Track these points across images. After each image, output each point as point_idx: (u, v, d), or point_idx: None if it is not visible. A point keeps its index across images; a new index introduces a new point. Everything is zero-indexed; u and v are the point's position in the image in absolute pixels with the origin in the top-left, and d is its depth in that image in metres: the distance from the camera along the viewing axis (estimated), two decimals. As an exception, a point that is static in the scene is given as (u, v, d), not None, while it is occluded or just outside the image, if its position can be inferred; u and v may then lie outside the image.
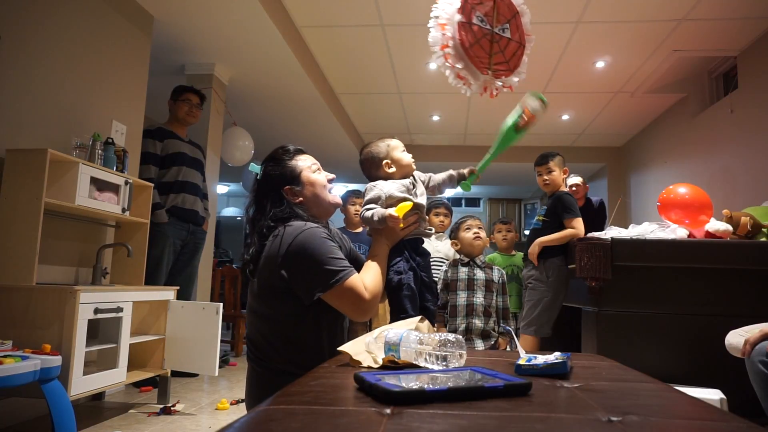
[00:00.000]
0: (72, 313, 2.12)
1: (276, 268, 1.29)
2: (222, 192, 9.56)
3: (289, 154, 1.48)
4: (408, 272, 1.48)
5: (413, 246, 1.56)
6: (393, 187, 1.54)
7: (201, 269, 3.75)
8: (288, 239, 1.30)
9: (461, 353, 0.91)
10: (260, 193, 1.46)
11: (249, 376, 1.41)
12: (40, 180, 2.20)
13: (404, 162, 1.61)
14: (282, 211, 1.39)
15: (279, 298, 1.32)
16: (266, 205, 1.42)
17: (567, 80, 4.88)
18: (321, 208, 1.48)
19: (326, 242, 1.31)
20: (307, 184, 1.46)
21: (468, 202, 10.19)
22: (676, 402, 0.77)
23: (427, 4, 2.07)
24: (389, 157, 1.59)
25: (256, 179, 1.48)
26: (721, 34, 3.93)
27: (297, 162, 1.47)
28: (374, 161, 1.60)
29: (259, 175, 1.48)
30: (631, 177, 6.63)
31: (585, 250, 2.18)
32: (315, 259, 1.28)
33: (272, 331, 1.34)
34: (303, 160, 1.48)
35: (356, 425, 0.58)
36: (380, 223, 1.46)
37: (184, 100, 3.44)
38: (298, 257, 1.28)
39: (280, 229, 1.34)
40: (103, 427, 2.39)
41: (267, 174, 1.46)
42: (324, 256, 1.28)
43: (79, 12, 2.77)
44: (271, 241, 1.33)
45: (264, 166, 1.49)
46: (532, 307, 2.63)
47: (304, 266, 1.28)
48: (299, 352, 1.32)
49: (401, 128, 6.48)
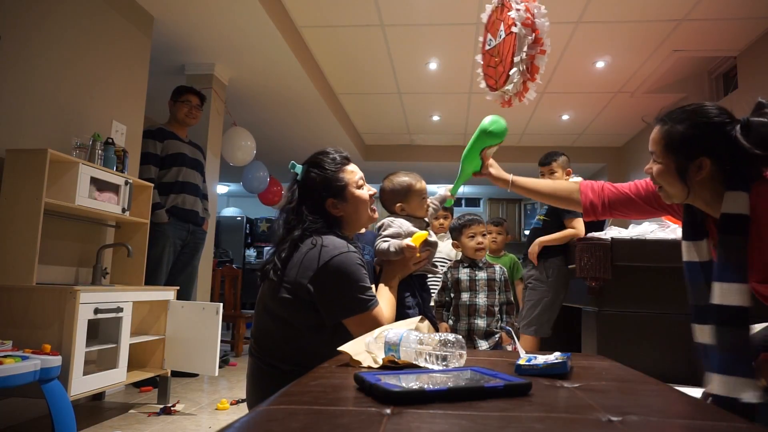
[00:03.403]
0: (72, 313, 2.12)
1: (305, 280, 1.29)
2: (222, 192, 9.56)
3: (335, 164, 1.44)
4: (414, 308, 1.55)
5: (420, 282, 1.63)
6: (411, 227, 1.61)
7: (201, 269, 3.75)
8: (325, 257, 1.29)
9: (461, 353, 0.91)
10: (299, 196, 1.43)
11: (252, 373, 1.40)
12: (40, 180, 2.20)
13: (419, 210, 1.69)
14: (317, 222, 1.39)
15: (299, 308, 1.31)
16: (303, 211, 1.40)
17: (567, 80, 4.88)
18: (358, 224, 1.49)
19: (360, 270, 1.32)
20: (351, 200, 1.44)
21: (468, 202, 10.18)
22: (676, 402, 0.77)
23: (427, 4, 2.08)
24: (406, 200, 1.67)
25: (296, 180, 1.46)
26: (721, 34, 3.93)
27: (344, 174, 1.44)
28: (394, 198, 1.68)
29: (300, 176, 1.45)
30: (631, 177, 6.63)
31: (585, 250, 2.18)
32: (348, 285, 1.29)
33: (285, 336, 1.33)
34: (350, 172, 1.46)
35: (356, 425, 0.58)
36: (396, 255, 1.51)
37: (184, 101, 3.44)
38: (332, 279, 1.28)
39: (317, 240, 1.32)
40: (103, 427, 2.39)
41: (311, 179, 1.43)
42: (357, 284, 1.30)
43: (79, 12, 2.77)
44: (305, 252, 1.31)
45: (307, 169, 1.45)
46: (532, 307, 2.63)
47: (336, 289, 1.29)
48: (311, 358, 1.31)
49: (401, 128, 6.48)
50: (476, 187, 9.21)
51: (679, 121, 1.25)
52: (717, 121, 1.22)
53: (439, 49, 4.33)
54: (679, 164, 1.25)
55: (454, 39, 4.07)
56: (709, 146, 1.22)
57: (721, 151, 1.21)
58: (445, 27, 3.90)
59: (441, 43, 4.20)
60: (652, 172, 1.32)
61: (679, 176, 1.25)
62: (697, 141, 1.23)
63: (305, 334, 1.32)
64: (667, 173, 1.27)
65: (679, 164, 1.25)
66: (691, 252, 1.31)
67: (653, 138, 1.30)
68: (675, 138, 1.25)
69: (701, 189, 1.25)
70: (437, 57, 4.47)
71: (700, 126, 1.23)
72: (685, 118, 1.25)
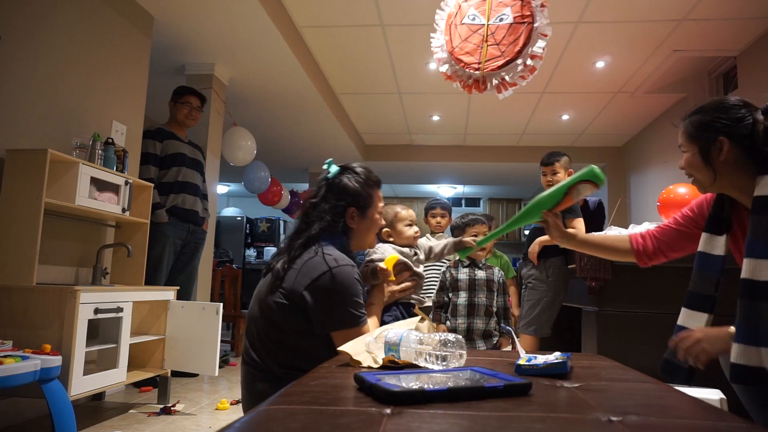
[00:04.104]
0: (72, 313, 2.12)
1: (301, 288, 1.29)
2: (222, 192, 9.56)
3: (371, 183, 1.50)
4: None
5: (405, 308, 1.69)
6: (394, 252, 1.68)
7: (201, 269, 3.75)
8: (326, 267, 1.30)
9: (461, 353, 0.91)
10: (327, 193, 1.46)
11: (245, 380, 1.39)
12: (40, 180, 2.20)
13: (404, 235, 1.73)
14: (337, 225, 1.42)
15: (290, 313, 1.31)
16: (324, 208, 1.43)
17: (567, 80, 4.88)
18: (363, 244, 1.53)
19: (357, 285, 1.33)
20: (369, 219, 1.49)
21: (468, 202, 10.19)
22: (676, 402, 0.77)
23: (427, 4, 2.07)
24: (392, 226, 1.73)
25: (327, 177, 1.49)
26: (721, 34, 3.93)
27: (375, 195, 1.50)
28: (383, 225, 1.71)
29: (332, 175, 1.48)
30: (631, 177, 6.63)
31: (585, 250, 2.18)
32: (343, 299, 1.30)
33: (274, 339, 1.33)
34: (378, 196, 1.53)
35: (356, 425, 0.58)
36: (374, 279, 1.58)
37: (185, 102, 3.44)
38: (328, 290, 1.29)
39: (320, 249, 1.34)
40: (103, 427, 2.39)
41: (342, 182, 1.46)
42: (351, 298, 1.31)
43: (79, 12, 2.77)
44: (306, 259, 1.33)
45: (343, 172, 1.48)
46: (532, 306, 2.63)
47: (331, 301, 1.29)
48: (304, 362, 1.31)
49: (401, 128, 6.48)
50: (476, 187, 9.21)
51: (698, 112, 1.38)
52: (732, 104, 1.34)
53: (439, 49, 4.33)
54: (702, 148, 1.35)
55: (454, 39, 4.07)
56: (726, 127, 1.31)
57: (739, 132, 1.30)
58: (445, 27, 3.90)
59: (441, 43, 4.20)
60: (683, 164, 1.42)
61: (704, 160, 1.35)
62: (713, 124, 1.33)
63: (293, 339, 1.32)
64: (693, 159, 1.38)
65: (702, 148, 1.35)
66: (709, 244, 1.39)
67: (680, 132, 1.42)
68: (695, 125, 1.37)
69: (729, 173, 1.33)
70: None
71: (717, 110, 1.35)
72: (702, 108, 1.38)
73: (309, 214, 1.45)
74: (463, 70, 2.09)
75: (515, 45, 2.10)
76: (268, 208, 6.86)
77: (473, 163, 7.28)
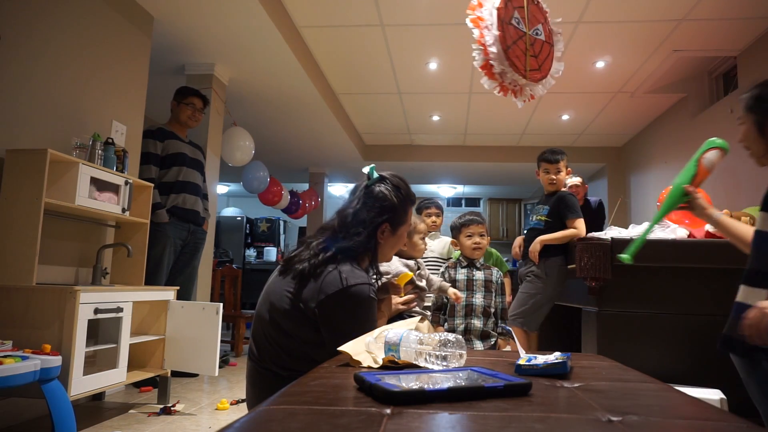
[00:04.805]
0: (72, 313, 2.12)
1: (314, 302, 1.28)
2: (222, 192, 9.56)
3: (411, 202, 1.51)
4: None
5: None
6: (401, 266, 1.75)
7: (201, 269, 3.75)
8: (339, 283, 1.28)
9: (461, 353, 0.91)
10: (366, 199, 1.44)
11: (251, 375, 1.40)
12: (40, 180, 2.20)
13: (417, 248, 1.84)
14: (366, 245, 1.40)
15: (301, 323, 1.31)
16: (362, 220, 1.41)
17: (567, 80, 4.88)
18: (384, 259, 1.53)
19: (372, 304, 1.33)
20: (397, 238, 1.50)
21: (468, 202, 10.18)
22: (676, 402, 0.77)
23: (427, 4, 2.07)
24: (409, 236, 1.81)
25: (366, 184, 1.47)
26: (721, 34, 3.93)
27: (409, 213, 1.51)
28: None
29: (371, 182, 1.46)
30: (631, 177, 6.63)
31: (585, 250, 2.18)
32: (355, 318, 1.29)
33: (282, 344, 1.33)
34: (413, 218, 1.57)
35: (356, 425, 0.58)
36: (384, 293, 1.61)
37: (188, 104, 3.45)
38: (341, 308, 1.28)
39: (338, 266, 1.32)
40: (103, 427, 2.39)
41: (384, 194, 1.45)
42: (362, 318, 1.30)
43: (79, 12, 2.77)
44: (324, 274, 1.31)
45: (385, 182, 1.47)
46: (525, 300, 2.61)
47: (343, 318, 1.28)
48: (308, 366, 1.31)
49: (401, 128, 6.48)
50: (476, 187, 9.21)
51: (758, 86, 1.45)
52: None
53: (439, 49, 4.33)
54: (757, 120, 1.42)
55: (454, 39, 4.07)
56: None
57: None
58: (445, 27, 3.90)
59: (441, 43, 4.20)
60: (741, 137, 1.48)
61: (759, 131, 1.42)
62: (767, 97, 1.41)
63: (300, 346, 1.32)
64: (749, 131, 1.45)
65: (757, 120, 1.42)
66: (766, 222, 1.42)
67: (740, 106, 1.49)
68: (753, 98, 1.45)
69: None
70: (437, 57, 4.47)
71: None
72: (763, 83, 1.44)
73: (346, 222, 1.42)
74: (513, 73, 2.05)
75: (548, 62, 2.12)
76: (268, 208, 6.86)
77: (473, 163, 7.28)
